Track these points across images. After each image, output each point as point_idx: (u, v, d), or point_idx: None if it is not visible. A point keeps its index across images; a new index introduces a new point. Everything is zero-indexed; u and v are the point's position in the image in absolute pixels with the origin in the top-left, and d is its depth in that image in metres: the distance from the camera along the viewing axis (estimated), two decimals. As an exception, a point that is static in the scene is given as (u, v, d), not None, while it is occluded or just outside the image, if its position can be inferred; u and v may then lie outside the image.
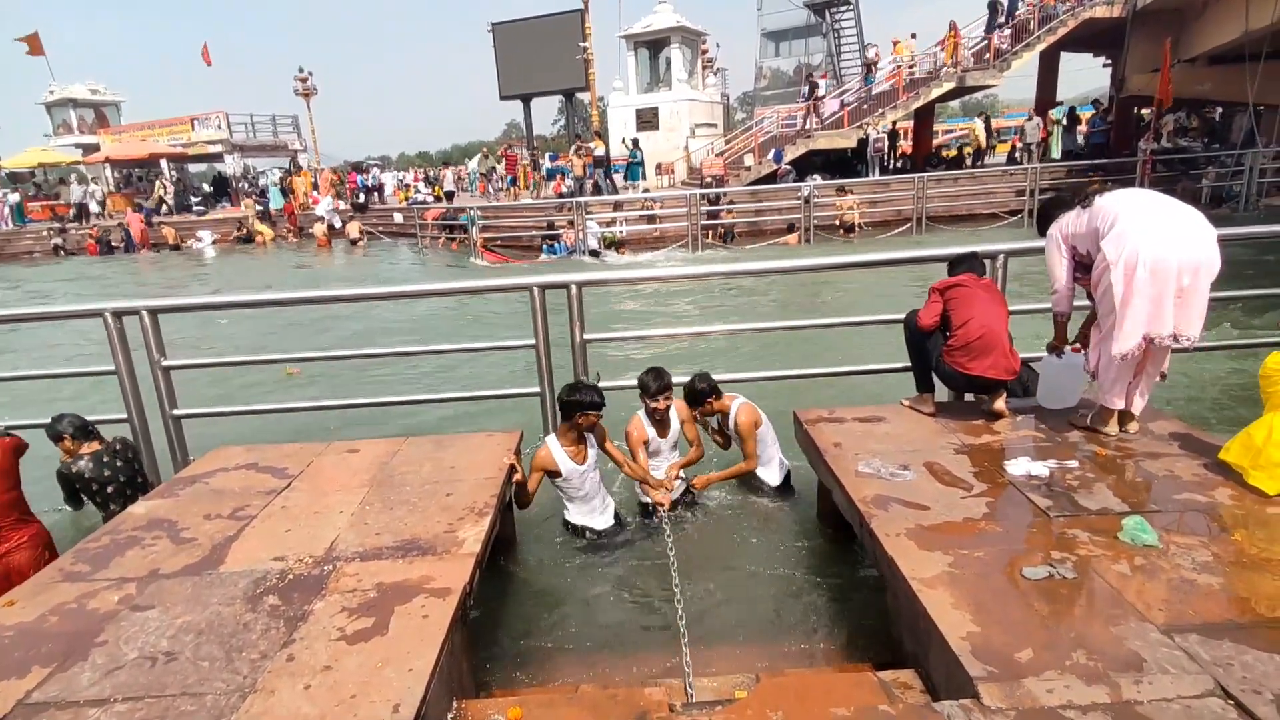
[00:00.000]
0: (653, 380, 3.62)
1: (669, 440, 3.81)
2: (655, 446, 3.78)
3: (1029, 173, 17.21)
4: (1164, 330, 2.93)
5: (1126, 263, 2.91)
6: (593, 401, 3.42)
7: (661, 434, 3.77)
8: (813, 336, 6.91)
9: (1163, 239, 2.90)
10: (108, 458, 3.66)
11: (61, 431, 3.64)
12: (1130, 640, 1.89)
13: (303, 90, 27.86)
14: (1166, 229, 2.92)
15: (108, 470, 3.62)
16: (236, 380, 6.58)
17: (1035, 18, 19.89)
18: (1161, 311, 2.92)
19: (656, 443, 3.77)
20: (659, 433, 3.76)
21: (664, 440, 3.79)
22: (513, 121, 63.16)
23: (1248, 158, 15.91)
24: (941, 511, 2.62)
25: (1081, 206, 3.17)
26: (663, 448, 3.80)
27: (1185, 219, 2.96)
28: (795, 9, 25.81)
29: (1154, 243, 2.89)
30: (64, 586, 2.48)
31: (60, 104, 31.97)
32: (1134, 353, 2.98)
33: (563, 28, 24.38)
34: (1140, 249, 2.89)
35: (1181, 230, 2.93)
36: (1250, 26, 14.98)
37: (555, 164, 23.16)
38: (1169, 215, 2.97)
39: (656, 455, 3.79)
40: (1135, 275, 2.90)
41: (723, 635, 2.81)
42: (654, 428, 3.75)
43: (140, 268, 19.60)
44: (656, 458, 3.80)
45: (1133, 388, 3.16)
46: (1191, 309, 2.94)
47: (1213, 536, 2.36)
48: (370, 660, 1.99)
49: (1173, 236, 2.91)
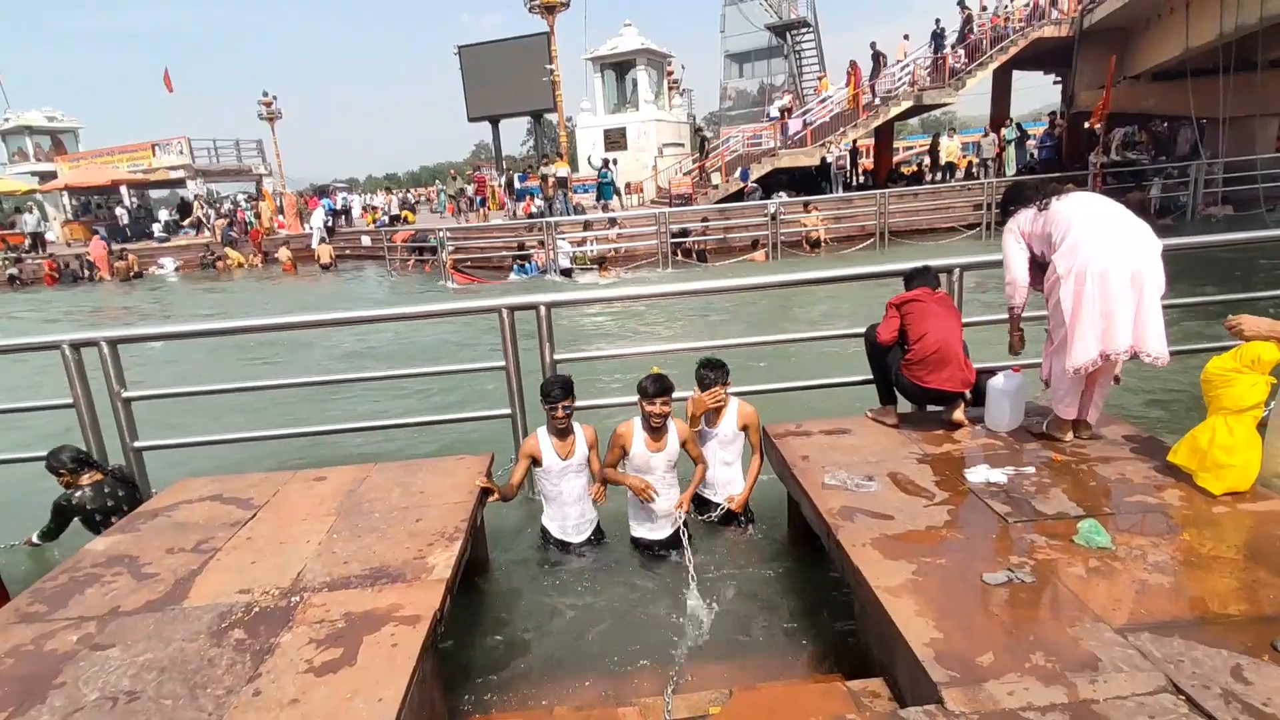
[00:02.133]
0: (651, 384, 3.38)
1: (664, 456, 3.50)
2: (646, 461, 3.49)
3: (985, 187, 17.68)
4: (1119, 346, 2.98)
5: (1077, 275, 2.99)
6: (548, 390, 3.48)
7: (655, 446, 3.49)
8: (779, 351, 7.00)
9: (1110, 248, 2.98)
10: (109, 487, 3.70)
11: (60, 465, 3.68)
12: (1086, 640, 1.95)
13: (267, 114, 27.67)
14: (1114, 239, 3.00)
15: (110, 500, 3.66)
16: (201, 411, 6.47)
17: (988, 37, 20.58)
18: (1113, 325, 2.97)
19: (647, 456, 3.48)
20: (652, 441, 3.48)
21: (658, 455, 3.48)
22: (481, 142, 63.25)
23: (1191, 169, 16.54)
24: (905, 520, 2.67)
25: (1039, 209, 3.25)
26: (656, 465, 3.50)
27: (1133, 230, 3.04)
28: (757, 31, 26.34)
29: (1102, 253, 2.97)
30: (19, 629, 2.41)
31: (15, 131, 31.33)
32: (1087, 367, 3.05)
33: (529, 50, 24.65)
34: (1089, 260, 2.97)
35: (1128, 240, 3.01)
36: (1190, 44, 15.67)
37: (525, 184, 23.25)
38: (1118, 225, 3.05)
39: (648, 472, 3.51)
40: (1085, 289, 2.98)
41: (696, 651, 2.82)
42: (647, 433, 3.48)
43: (101, 297, 19.14)
44: (649, 475, 3.51)
45: (1086, 397, 3.25)
46: (1148, 325, 2.98)
47: (1164, 537, 2.44)
48: (339, 691, 1.97)
49: (1120, 245, 2.99)
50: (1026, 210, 3.31)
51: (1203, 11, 15.17)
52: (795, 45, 26.88)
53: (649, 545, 3.60)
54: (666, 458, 3.51)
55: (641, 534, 3.62)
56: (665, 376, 3.44)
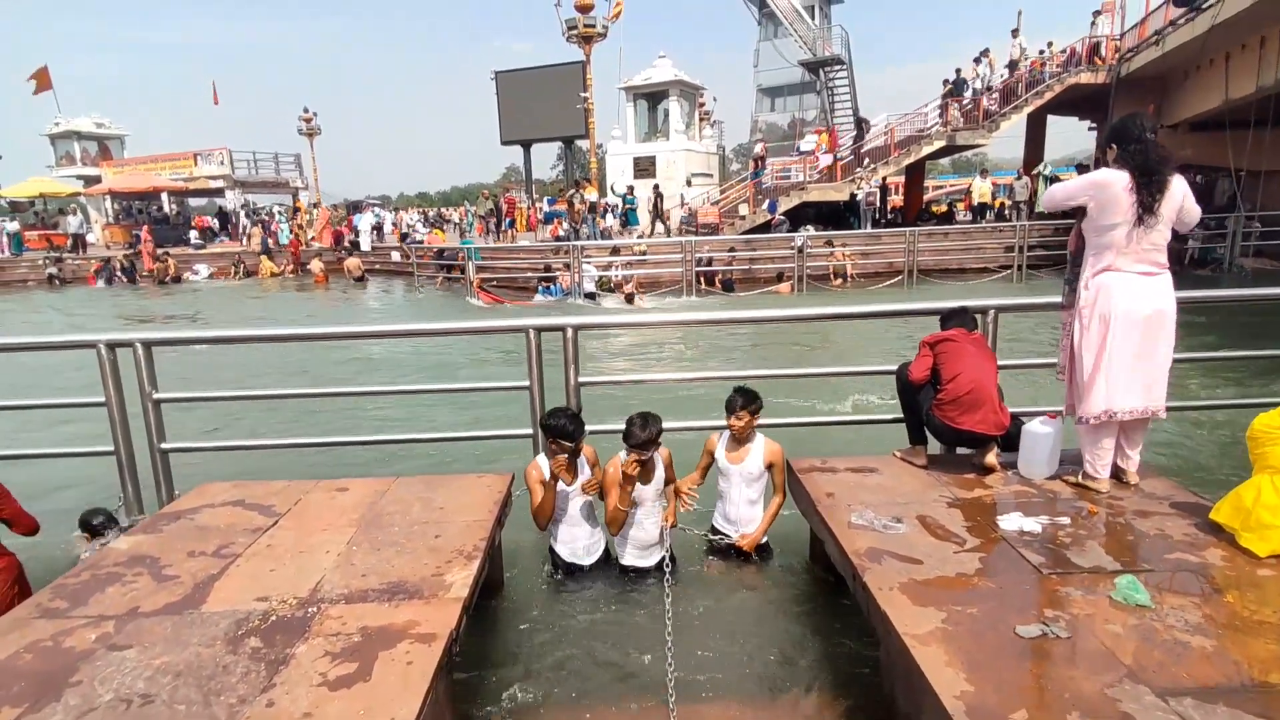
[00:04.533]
0: (639, 429, 3.33)
1: (651, 487, 3.57)
2: (637, 494, 3.50)
3: (1018, 229, 17.57)
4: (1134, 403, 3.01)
5: (1101, 316, 2.97)
6: (559, 427, 3.31)
7: (644, 480, 3.51)
8: (804, 385, 6.94)
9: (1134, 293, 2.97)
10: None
11: (99, 526, 3.81)
12: (1124, 702, 1.87)
13: (307, 130, 28.40)
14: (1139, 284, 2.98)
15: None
16: (226, 414, 6.54)
17: (1023, 81, 20.59)
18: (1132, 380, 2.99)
19: (638, 490, 3.50)
20: (640, 479, 3.48)
21: (646, 487, 3.52)
22: (512, 165, 64.21)
23: (1229, 221, 16.32)
24: (934, 566, 2.60)
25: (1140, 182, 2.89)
26: (645, 496, 3.53)
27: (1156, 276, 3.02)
28: (790, 67, 26.61)
29: (1127, 297, 2.96)
30: (40, 624, 2.41)
31: (64, 136, 32.40)
32: (1103, 418, 3.04)
33: (564, 78, 25.07)
34: (1114, 303, 2.96)
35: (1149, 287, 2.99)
36: (1230, 95, 15.56)
37: (553, 208, 23.52)
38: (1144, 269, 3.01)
39: (638, 506, 3.53)
40: (1108, 333, 2.97)
41: (710, 689, 2.75)
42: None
43: (141, 300, 19.57)
44: (639, 508, 3.53)
45: (1122, 443, 3.19)
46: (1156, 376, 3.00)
47: (1205, 597, 2.35)
48: (352, 708, 1.94)
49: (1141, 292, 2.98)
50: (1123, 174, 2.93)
51: (1242, 64, 15.09)
52: (828, 82, 27.10)
53: (640, 572, 3.57)
54: (654, 488, 3.58)
55: (630, 561, 3.61)
56: (653, 419, 3.39)
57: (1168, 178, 2.91)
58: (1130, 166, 2.92)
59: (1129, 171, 2.92)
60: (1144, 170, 2.89)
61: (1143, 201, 2.88)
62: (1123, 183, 2.92)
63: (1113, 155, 3.00)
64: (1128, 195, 2.90)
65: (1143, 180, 2.89)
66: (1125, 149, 2.96)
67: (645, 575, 3.56)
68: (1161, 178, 2.89)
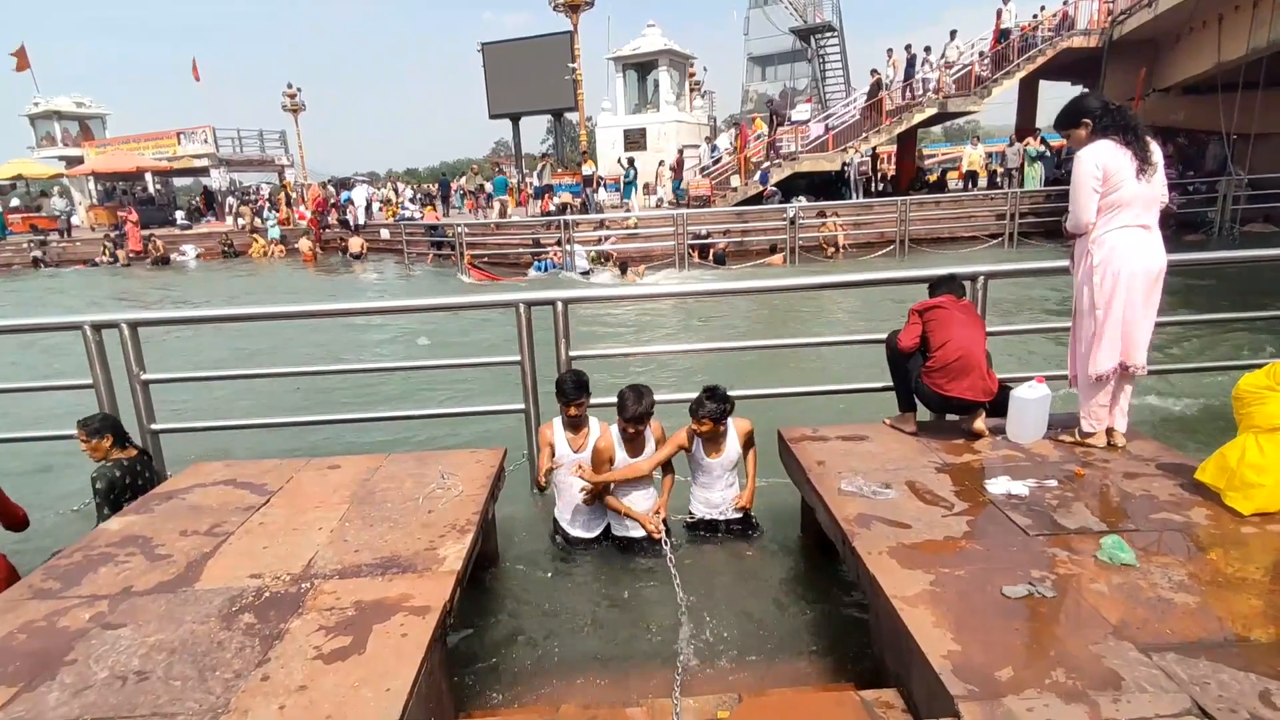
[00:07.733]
0: (632, 403, 3.38)
1: (644, 460, 3.55)
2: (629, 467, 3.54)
3: (1009, 197, 17.50)
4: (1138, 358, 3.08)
5: (1114, 274, 3.00)
6: (558, 382, 3.59)
7: (634, 454, 3.55)
8: (796, 355, 6.95)
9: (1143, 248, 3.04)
10: (140, 465, 3.62)
11: (101, 429, 3.53)
12: (1109, 659, 1.90)
13: (291, 105, 27.97)
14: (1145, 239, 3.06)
15: (141, 480, 3.57)
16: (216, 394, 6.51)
17: (1015, 46, 20.36)
18: (1133, 334, 3.04)
19: (626, 462, 3.53)
20: (630, 453, 3.55)
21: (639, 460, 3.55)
22: (501, 140, 63.41)
23: (1221, 185, 16.27)
24: (923, 530, 2.63)
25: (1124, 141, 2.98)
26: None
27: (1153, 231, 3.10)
28: (781, 34, 26.25)
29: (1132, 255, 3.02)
30: (33, 604, 2.42)
31: (44, 116, 31.73)
32: (1109, 375, 3.05)
33: (552, 49, 24.67)
34: (1125, 261, 3.01)
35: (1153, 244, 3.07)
36: (1222, 58, 15.43)
37: (544, 182, 23.28)
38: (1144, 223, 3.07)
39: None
40: (1118, 290, 3.01)
41: (706, 654, 2.79)
42: (625, 446, 3.54)
43: (130, 279, 19.38)
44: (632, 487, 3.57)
45: (1113, 402, 3.23)
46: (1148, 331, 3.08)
47: (1189, 556, 2.38)
48: (347, 680, 1.95)
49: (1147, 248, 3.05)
50: (1108, 141, 3.01)
51: (1234, 26, 14.95)
52: (819, 49, 26.76)
53: (631, 542, 3.60)
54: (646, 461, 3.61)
55: (620, 533, 3.65)
56: (646, 392, 3.44)
57: (1144, 133, 3.06)
58: (1112, 129, 3.04)
59: (1112, 136, 3.04)
60: (1126, 128, 3.03)
61: (1137, 153, 3.00)
62: (1114, 144, 3.02)
63: (1088, 130, 3.10)
64: (1123, 152, 3.00)
65: (1129, 137, 3.02)
66: (1099, 120, 3.07)
67: (641, 548, 3.57)
68: (1140, 131, 3.05)
